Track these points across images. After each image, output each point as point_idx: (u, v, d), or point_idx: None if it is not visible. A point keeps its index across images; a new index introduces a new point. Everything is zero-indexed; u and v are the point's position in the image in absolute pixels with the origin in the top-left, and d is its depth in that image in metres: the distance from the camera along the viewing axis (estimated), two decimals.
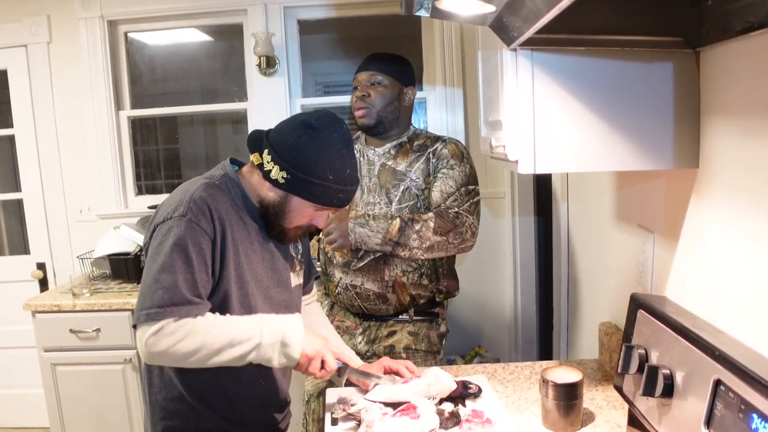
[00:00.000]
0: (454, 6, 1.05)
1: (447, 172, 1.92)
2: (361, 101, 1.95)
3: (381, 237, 1.84)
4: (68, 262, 3.31)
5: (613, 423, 1.36)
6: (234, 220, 1.34)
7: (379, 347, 1.98)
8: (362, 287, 1.93)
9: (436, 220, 1.86)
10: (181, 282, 1.23)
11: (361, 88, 1.97)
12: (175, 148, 3.74)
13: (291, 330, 1.30)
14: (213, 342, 1.24)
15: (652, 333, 1.14)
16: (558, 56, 1.13)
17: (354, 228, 1.84)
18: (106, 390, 2.70)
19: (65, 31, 3.20)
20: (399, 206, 1.91)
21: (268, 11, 3.13)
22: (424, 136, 2.03)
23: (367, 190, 1.95)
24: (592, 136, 1.15)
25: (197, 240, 1.25)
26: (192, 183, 1.37)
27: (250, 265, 1.37)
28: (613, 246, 1.74)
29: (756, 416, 0.80)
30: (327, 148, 1.30)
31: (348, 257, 1.93)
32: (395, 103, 1.98)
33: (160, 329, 1.21)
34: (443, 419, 1.33)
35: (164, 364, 1.30)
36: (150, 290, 1.23)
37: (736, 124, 1.04)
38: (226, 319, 1.29)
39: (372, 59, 2.00)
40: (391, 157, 1.97)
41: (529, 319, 3.16)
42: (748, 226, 1.01)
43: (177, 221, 1.26)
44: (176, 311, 1.22)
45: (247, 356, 1.27)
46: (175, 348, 1.22)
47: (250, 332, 1.27)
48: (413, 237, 1.84)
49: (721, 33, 1.02)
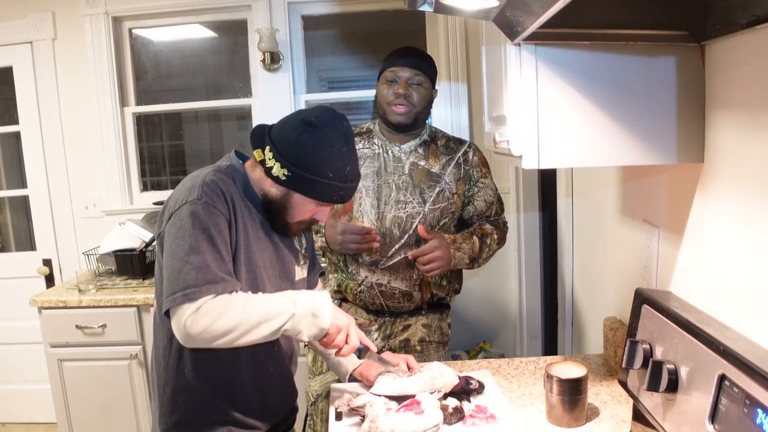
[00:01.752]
0: (458, 1, 1.04)
1: (485, 181, 2.03)
2: (404, 99, 1.91)
3: (468, 256, 1.92)
4: (74, 259, 3.33)
5: (618, 418, 1.36)
6: (241, 203, 1.36)
7: (395, 342, 2.00)
8: (388, 285, 1.93)
9: (497, 232, 2.01)
10: (211, 261, 1.24)
11: (402, 85, 1.91)
12: (180, 144, 3.74)
13: (321, 302, 1.33)
14: (251, 316, 1.25)
15: (657, 328, 1.14)
16: (562, 51, 1.13)
17: (454, 253, 1.88)
18: (112, 385, 2.72)
19: (70, 27, 3.21)
20: (432, 207, 1.92)
21: (272, 7, 3.13)
22: (442, 135, 2.05)
23: (396, 188, 1.93)
24: (596, 131, 1.15)
25: (216, 221, 1.27)
26: (200, 171, 1.39)
27: (258, 251, 1.39)
28: (617, 241, 1.73)
29: (761, 411, 0.80)
30: (327, 145, 1.31)
31: (377, 256, 1.92)
32: (428, 105, 1.99)
33: (199, 308, 1.21)
34: (447, 414, 1.33)
35: (201, 344, 1.28)
36: (181, 273, 1.23)
37: (742, 119, 1.03)
38: (258, 295, 1.31)
39: (412, 55, 1.96)
40: (421, 156, 1.97)
41: (534, 314, 3.16)
42: (753, 221, 1.00)
43: (193, 204, 1.27)
44: (213, 288, 1.23)
45: (282, 328, 1.29)
46: (214, 326, 1.22)
47: (284, 305, 1.29)
48: (486, 251, 1.97)
49: (726, 26, 1.01)
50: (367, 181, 1.93)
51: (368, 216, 1.92)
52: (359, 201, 1.94)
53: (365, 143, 1.99)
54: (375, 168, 1.94)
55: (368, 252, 1.92)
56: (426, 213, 1.91)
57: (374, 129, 2.02)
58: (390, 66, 1.95)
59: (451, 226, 1.99)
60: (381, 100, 1.95)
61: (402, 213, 1.91)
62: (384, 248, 1.91)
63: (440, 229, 1.94)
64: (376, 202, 1.92)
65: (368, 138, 2.00)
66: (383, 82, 1.96)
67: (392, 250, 1.91)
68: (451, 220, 1.98)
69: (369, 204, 1.92)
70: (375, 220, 1.91)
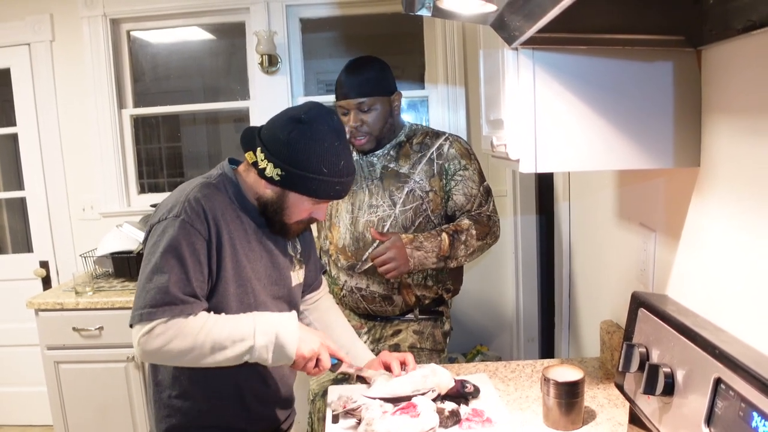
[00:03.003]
0: (456, 5, 1.05)
1: (463, 173, 1.94)
2: (358, 131, 1.89)
3: (435, 255, 1.86)
4: (71, 261, 3.32)
5: (615, 421, 1.36)
6: (231, 219, 1.35)
7: (384, 346, 1.98)
8: (368, 289, 1.93)
9: (476, 226, 1.91)
10: (174, 282, 1.24)
11: (353, 117, 1.89)
12: (178, 147, 3.74)
13: (285, 330, 1.30)
14: (204, 342, 1.25)
15: (653, 331, 1.14)
16: (559, 55, 1.13)
17: (412, 253, 1.83)
18: (109, 388, 2.71)
19: (68, 29, 3.20)
20: (403, 208, 1.91)
21: (271, 10, 3.14)
22: (422, 132, 2.01)
23: (369, 193, 1.93)
24: (593, 135, 1.15)
25: (191, 240, 1.27)
26: (189, 183, 1.38)
27: (249, 263, 1.38)
28: (614, 244, 1.74)
29: (756, 414, 0.80)
30: (319, 141, 1.30)
31: (352, 260, 1.92)
32: (389, 117, 1.94)
33: (152, 329, 1.23)
34: (443, 418, 1.33)
35: (159, 362, 1.32)
36: (143, 291, 1.26)
37: (738, 123, 1.03)
38: (219, 319, 1.29)
39: (353, 82, 1.88)
40: (392, 159, 1.96)
41: (531, 317, 3.16)
42: (750, 225, 1.01)
43: (171, 222, 1.28)
44: (168, 311, 1.23)
45: (242, 357, 1.28)
46: (167, 348, 1.24)
47: (242, 333, 1.27)
48: (461, 248, 1.88)
49: (722, 32, 1.01)
50: None
51: (343, 221, 1.94)
52: (336, 207, 1.96)
53: None
54: None
55: (345, 256, 1.92)
56: (397, 215, 1.90)
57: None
58: (337, 100, 1.93)
59: (431, 224, 1.93)
60: None
61: (374, 217, 1.91)
62: (358, 252, 1.91)
63: (416, 229, 1.91)
64: (350, 207, 1.93)
65: None
66: (339, 112, 1.93)
67: (366, 254, 1.91)
68: (430, 218, 1.93)
69: (344, 209, 1.94)
70: (349, 224, 1.93)
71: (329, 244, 1.99)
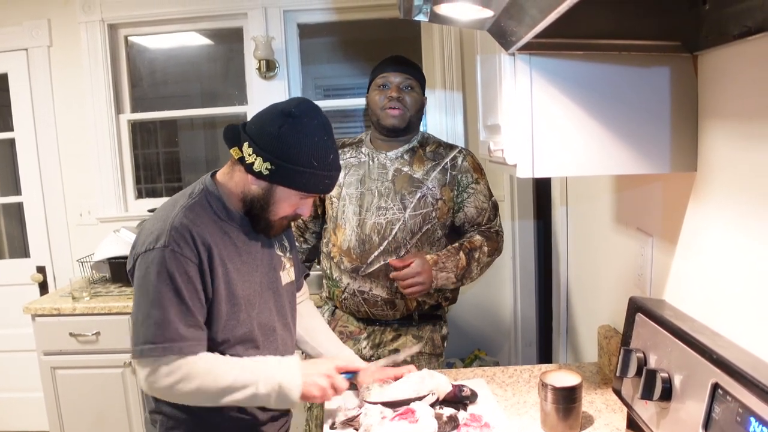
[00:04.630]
0: (453, 11, 1.05)
1: (475, 187, 1.98)
2: (397, 102, 1.92)
3: (454, 274, 1.89)
4: (68, 266, 3.31)
5: (612, 426, 1.36)
6: (218, 237, 1.34)
7: (384, 351, 1.98)
8: (370, 293, 1.92)
9: (487, 243, 1.95)
10: (174, 315, 1.24)
11: (394, 89, 1.93)
12: (175, 152, 3.74)
13: (287, 378, 1.32)
14: (210, 386, 1.26)
15: (651, 336, 1.15)
16: (556, 60, 1.13)
17: (437, 275, 1.85)
18: (105, 393, 2.70)
19: (66, 34, 3.20)
20: (413, 213, 1.91)
21: (268, 15, 3.14)
22: (434, 141, 2.03)
23: (378, 194, 1.92)
24: (590, 140, 1.16)
25: (183, 270, 1.26)
26: (172, 205, 1.36)
27: (241, 277, 1.37)
28: (611, 249, 1.74)
29: (754, 419, 0.80)
30: (309, 135, 1.29)
31: (357, 263, 1.91)
32: (419, 111, 1.99)
33: (157, 370, 1.24)
34: (441, 423, 1.33)
35: (169, 400, 1.33)
36: (143, 326, 1.25)
37: (734, 128, 1.04)
38: (225, 363, 1.30)
39: (401, 62, 1.98)
40: (406, 162, 1.96)
41: (529, 322, 3.16)
42: (746, 230, 1.01)
43: (160, 252, 1.26)
44: (169, 348, 1.23)
45: (247, 402, 1.31)
46: (175, 388, 1.25)
47: (246, 380, 1.29)
48: (474, 265, 1.92)
49: (718, 37, 1.02)
50: (350, 189, 1.93)
51: (350, 223, 1.93)
52: (342, 209, 1.94)
53: (353, 153, 2.00)
54: (359, 176, 1.95)
55: (349, 258, 1.92)
56: (406, 219, 1.90)
57: (365, 139, 2.04)
58: (381, 72, 1.97)
59: (437, 233, 1.95)
60: (374, 106, 1.96)
61: (382, 219, 1.90)
62: (364, 255, 1.91)
63: (422, 235, 1.91)
64: (358, 209, 1.92)
65: (357, 147, 2.01)
66: (375, 89, 1.97)
67: (372, 257, 1.90)
68: (436, 227, 1.94)
69: (351, 211, 1.93)
70: (356, 226, 1.92)
71: (332, 246, 1.98)
